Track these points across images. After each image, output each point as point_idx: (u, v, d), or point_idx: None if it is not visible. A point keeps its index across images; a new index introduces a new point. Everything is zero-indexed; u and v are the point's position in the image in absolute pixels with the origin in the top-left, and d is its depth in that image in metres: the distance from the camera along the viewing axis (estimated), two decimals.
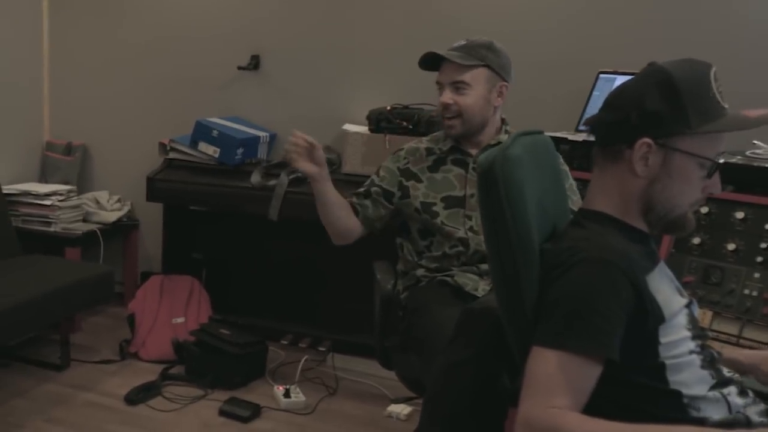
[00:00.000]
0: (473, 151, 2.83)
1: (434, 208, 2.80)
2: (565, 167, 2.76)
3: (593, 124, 1.79)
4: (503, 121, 2.90)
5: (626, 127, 1.68)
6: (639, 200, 1.72)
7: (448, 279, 2.74)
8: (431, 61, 2.81)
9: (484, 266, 2.71)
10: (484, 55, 2.72)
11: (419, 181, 2.85)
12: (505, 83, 2.78)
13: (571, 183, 2.75)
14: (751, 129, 1.68)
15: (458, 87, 2.75)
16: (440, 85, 2.81)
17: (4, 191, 4.37)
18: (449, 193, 2.81)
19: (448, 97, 2.77)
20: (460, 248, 2.75)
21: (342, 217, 2.87)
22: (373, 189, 2.91)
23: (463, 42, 2.76)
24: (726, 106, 1.68)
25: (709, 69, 1.69)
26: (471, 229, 2.76)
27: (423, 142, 2.95)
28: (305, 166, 2.74)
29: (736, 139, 2.93)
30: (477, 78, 2.73)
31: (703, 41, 3.58)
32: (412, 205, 2.84)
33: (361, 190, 2.95)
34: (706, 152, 1.68)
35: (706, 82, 1.68)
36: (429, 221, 2.80)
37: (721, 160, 1.71)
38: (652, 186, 1.69)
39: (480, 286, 2.69)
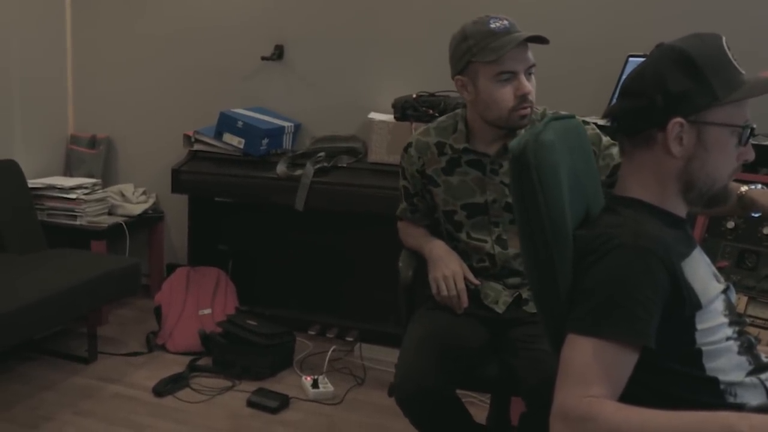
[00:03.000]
0: (489, 150, 2.59)
1: (456, 218, 2.65)
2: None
3: (616, 114, 1.75)
4: None
5: (654, 111, 1.65)
6: (677, 181, 1.69)
7: (470, 286, 2.63)
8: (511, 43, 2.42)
9: (511, 280, 2.62)
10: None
11: (436, 185, 2.68)
12: None
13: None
14: None
15: (530, 71, 2.47)
16: (510, 74, 2.43)
17: (30, 185, 4.40)
18: (469, 200, 2.62)
19: (529, 85, 2.45)
20: (487, 263, 2.64)
21: None
22: (416, 199, 2.78)
23: (506, 21, 2.44)
24: (743, 71, 1.67)
25: (720, 39, 1.69)
26: (499, 238, 2.60)
27: (431, 134, 2.69)
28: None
29: None
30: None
31: (732, 23, 3.53)
32: (437, 212, 2.72)
33: (406, 207, 2.82)
34: (736, 120, 1.66)
35: (722, 51, 1.67)
36: (453, 234, 2.68)
37: (754, 125, 1.69)
38: (690, 164, 1.67)
39: (501, 299, 2.60)
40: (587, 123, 2.54)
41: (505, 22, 2.45)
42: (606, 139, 2.55)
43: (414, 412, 2.45)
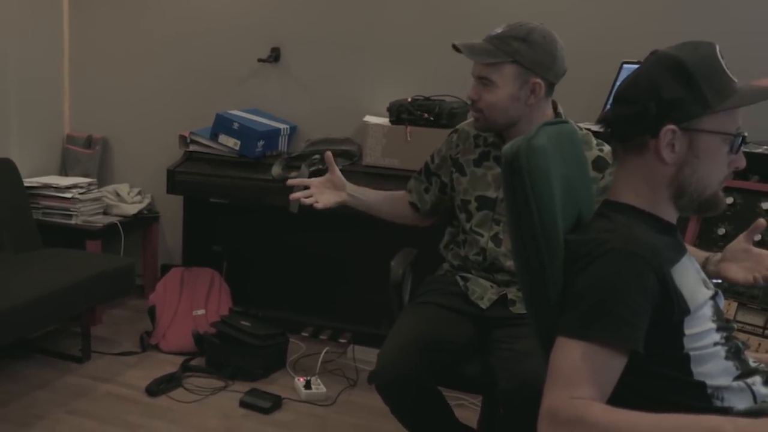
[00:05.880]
0: None
1: (469, 207, 2.73)
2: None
3: (609, 120, 1.77)
4: (557, 115, 2.69)
5: (647, 118, 1.67)
6: (669, 187, 1.71)
7: (460, 281, 2.74)
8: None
9: (499, 276, 2.69)
10: (515, 49, 2.49)
11: (464, 174, 2.76)
12: (539, 80, 2.53)
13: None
14: None
15: (484, 83, 2.55)
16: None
17: (26, 184, 4.40)
18: (483, 193, 2.71)
19: (473, 91, 2.59)
20: (480, 257, 2.71)
21: (390, 212, 2.95)
22: (434, 179, 2.88)
23: (499, 29, 2.55)
24: (736, 80, 1.69)
25: (713, 47, 1.70)
26: (495, 236, 2.67)
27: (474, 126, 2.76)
28: (330, 201, 2.76)
29: (762, 129, 2.92)
30: (504, 76, 2.52)
31: (727, 31, 3.55)
32: (456, 200, 2.80)
33: (422, 178, 2.92)
34: (728, 128, 1.68)
35: (715, 59, 1.69)
36: (464, 224, 2.75)
37: (745, 133, 1.71)
38: (682, 171, 1.68)
39: (487, 295, 2.66)
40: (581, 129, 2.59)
41: (497, 30, 2.58)
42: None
43: (392, 399, 2.52)
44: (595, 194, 2.33)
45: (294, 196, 2.74)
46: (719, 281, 2.13)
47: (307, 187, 2.77)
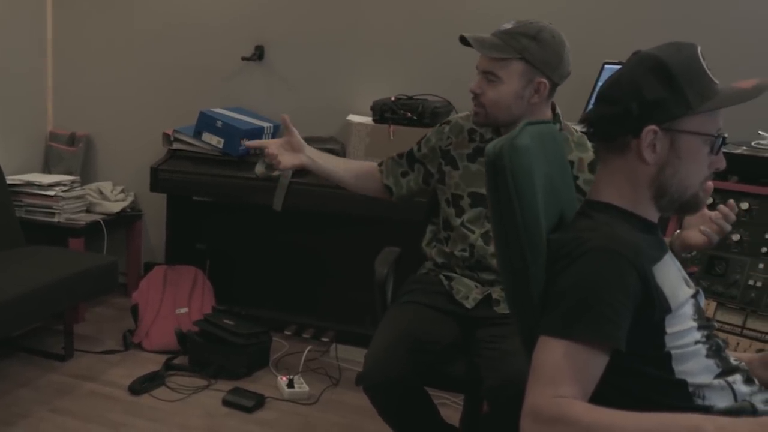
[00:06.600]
0: None
1: (461, 203, 2.72)
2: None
3: (592, 120, 1.78)
4: (555, 116, 2.69)
5: (629, 119, 1.68)
6: (650, 187, 1.72)
7: (444, 280, 2.73)
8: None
9: (484, 275, 2.70)
10: (524, 46, 2.48)
11: (456, 168, 2.74)
12: (544, 80, 2.53)
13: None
14: (751, 100, 1.69)
15: (489, 78, 2.54)
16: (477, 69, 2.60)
17: (8, 181, 4.38)
18: (477, 189, 2.69)
19: (476, 85, 2.57)
20: (467, 254, 2.70)
21: (354, 185, 2.93)
22: (416, 166, 2.85)
23: (509, 25, 2.53)
24: (717, 81, 1.70)
25: (695, 48, 1.71)
26: (486, 234, 2.66)
27: (469, 120, 2.72)
28: (288, 163, 2.77)
29: (741, 130, 2.94)
30: (510, 72, 2.51)
31: (708, 32, 3.57)
32: (445, 193, 2.78)
33: (402, 162, 2.88)
34: (709, 129, 1.69)
35: (697, 61, 1.69)
36: (452, 216, 2.74)
37: (725, 135, 1.73)
38: (663, 171, 1.70)
39: (472, 295, 2.66)
40: None
41: (506, 26, 2.56)
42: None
43: (379, 401, 2.53)
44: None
45: (249, 143, 2.92)
46: (690, 254, 2.20)
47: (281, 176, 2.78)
